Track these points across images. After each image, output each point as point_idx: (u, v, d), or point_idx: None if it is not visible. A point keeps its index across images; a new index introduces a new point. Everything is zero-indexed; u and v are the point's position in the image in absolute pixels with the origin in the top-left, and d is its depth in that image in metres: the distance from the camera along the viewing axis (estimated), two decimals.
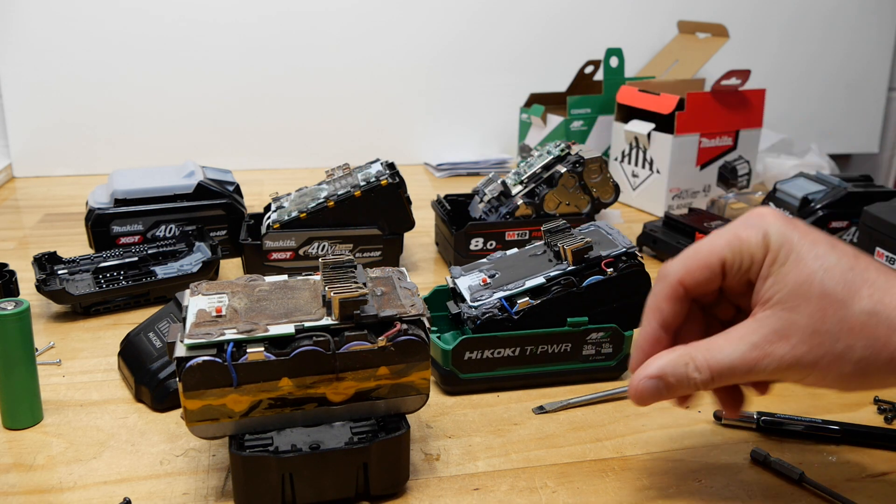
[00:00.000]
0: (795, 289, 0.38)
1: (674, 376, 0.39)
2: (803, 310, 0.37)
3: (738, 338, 0.38)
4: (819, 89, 1.52)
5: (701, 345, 0.39)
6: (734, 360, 0.38)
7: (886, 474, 0.48)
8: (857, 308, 0.37)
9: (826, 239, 0.39)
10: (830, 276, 0.37)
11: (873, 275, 0.38)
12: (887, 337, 0.36)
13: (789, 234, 0.39)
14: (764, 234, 0.39)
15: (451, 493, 0.46)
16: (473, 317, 0.56)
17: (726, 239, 0.40)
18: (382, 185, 0.76)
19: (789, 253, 0.38)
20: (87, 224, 0.80)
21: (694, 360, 0.39)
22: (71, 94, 1.19)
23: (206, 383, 0.41)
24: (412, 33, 1.29)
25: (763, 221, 0.40)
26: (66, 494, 0.45)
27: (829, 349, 0.37)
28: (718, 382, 0.39)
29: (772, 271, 0.39)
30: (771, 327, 0.38)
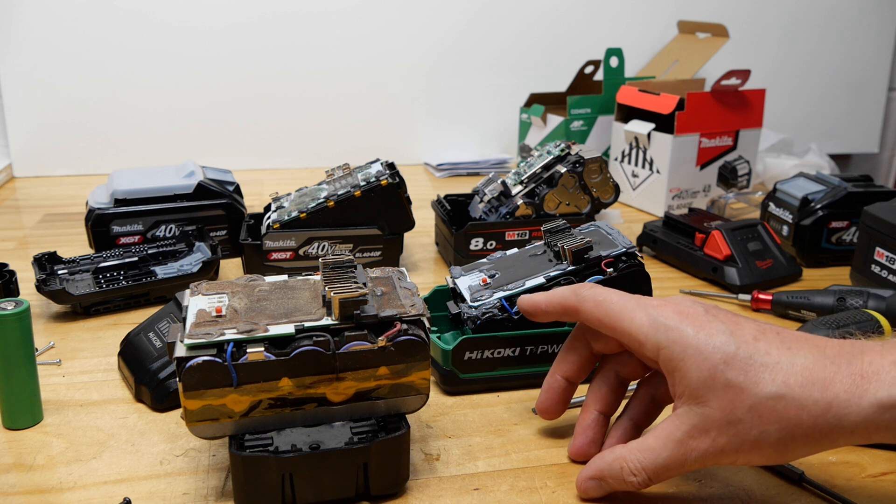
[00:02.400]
0: (700, 384, 0.39)
1: (612, 479, 0.42)
2: (713, 403, 0.39)
3: (664, 437, 0.40)
4: (819, 89, 1.52)
5: (631, 448, 0.42)
6: (665, 460, 0.40)
7: (886, 474, 0.48)
8: (763, 394, 0.37)
9: (725, 327, 0.40)
10: (731, 367, 0.38)
11: (775, 356, 0.38)
12: (798, 416, 0.37)
13: (684, 330, 0.40)
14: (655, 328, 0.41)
15: (451, 493, 0.46)
16: (473, 317, 0.56)
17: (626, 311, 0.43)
18: (382, 185, 0.76)
19: (685, 352, 0.40)
20: (87, 224, 0.80)
21: (628, 465, 0.41)
22: (71, 94, 1.19)
23: (206, 383, 0.41)
24: (412, 33, 1.29)
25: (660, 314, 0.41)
26: (66, 494, 0.45)
27: (746, 437, 0.38)
28: (654, 480, 0.41)
29: (673, 366, 0.40)
30: (690, 423, 0.40)
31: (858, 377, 0.36)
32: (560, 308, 0.47)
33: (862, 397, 0.36)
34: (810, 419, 0.37)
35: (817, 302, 0.69)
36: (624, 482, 0.42)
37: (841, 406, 0.36)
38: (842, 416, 0.36)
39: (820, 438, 0.37)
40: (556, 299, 0.47)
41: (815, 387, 0.37)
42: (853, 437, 0.37)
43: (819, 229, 0.83)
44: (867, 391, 0.36)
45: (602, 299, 0.44)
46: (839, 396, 0.36)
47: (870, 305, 0.66)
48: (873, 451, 0.51)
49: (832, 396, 0.36)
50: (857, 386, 0.36)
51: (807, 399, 0.37)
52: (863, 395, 0.36)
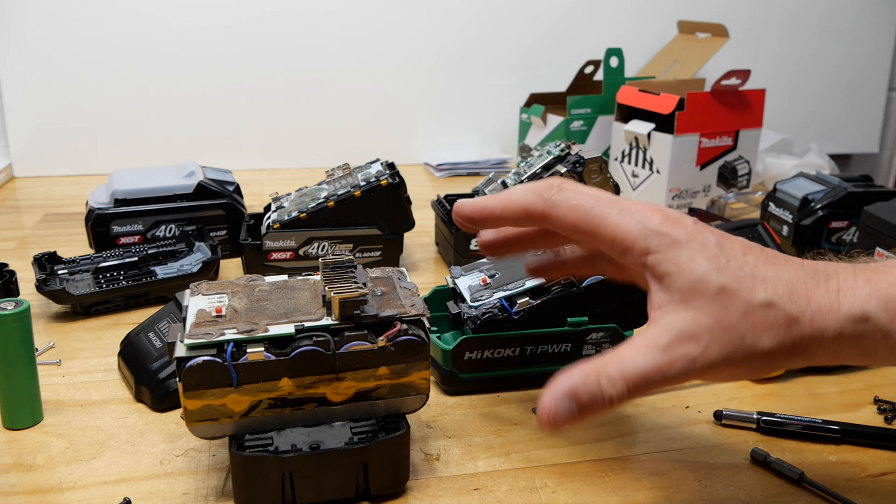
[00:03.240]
0: (692, 288, 0.37)
1: (587, 394, 0.36)
2: (706, 308, 0.37)
3: (646, 345, 0.37)
4: (819, 89, 1.52)
5: (608, 357, 0.37)
6: (647, 368, 0.36)
7: (886, 474, 0.48)
8: (756, 301, 0.37)
9: (716, 240, 0.39)
10: (724, 274, 0.38)
11: (762, 269, 0.38)
12: (787, 325, 0.37)
13: (675, 235, 0.38)
14: (644, 233, 0.39)
15: (451, 493, 0.46)
16: (473, 317, 0.56)
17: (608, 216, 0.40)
18: (382, 185, 0.76)
19: (677, 256, 0.38)
20: (87, 224, 0.80)
21: (606, 373, 0.36)
22: (71, 94, 1.19)
23: (206, 383, 0.41)
24: (412, 33, 1.29)
25: (647, 218, 0.39)
26: (66, 494, 0.45)
27: (739, 345, 0.37)
28: (634, 393, 0.37)
29: (662, 271, 0.38)
30: (677, 329, 0.37)
31: (835, 292, 0.38)
32: (521, 213, 0.42)
33: (838, 311, 0.37)
34: (798, 329, 0.37)
35: None
36: (600, 393, 0.36)
37: (822, 317, 0.37)
38: (823, 327, 0.37)
39: (803, 350, 0.38)
40: (516, 202, 0.42)
41: (799, 299, 0.38)
42: (829, 350, 0.38)
43: (819, 229, 0.83)
44: (843, 305, 0.37)
45: (576, 203, 0.40)
46: (820, 309, 0.38)
47: None
48: (873, 451, 0.51)
49: (815, 308, 0.38)
50: (834, 300, 0.38)
51: (794, 309, 0.37)
52: (839, 308, 0.37)
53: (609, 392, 0.36)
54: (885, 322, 0.37)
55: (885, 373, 0.61)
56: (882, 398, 0.57)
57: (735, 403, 0.56)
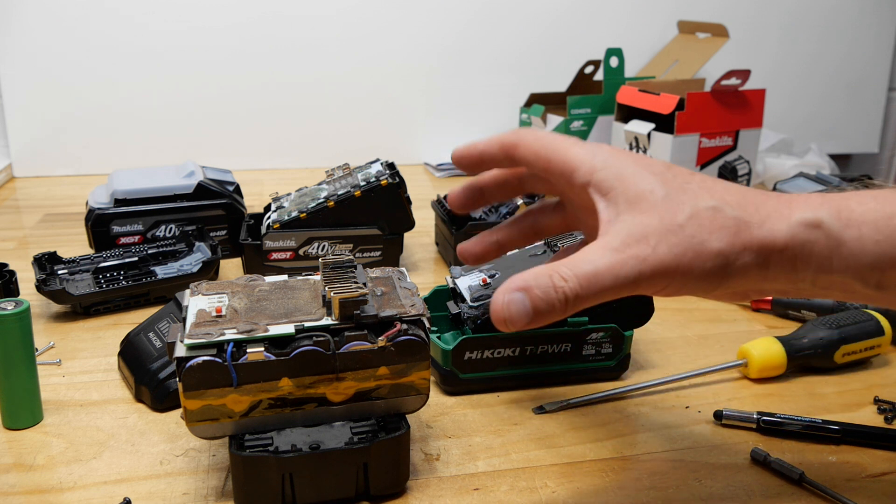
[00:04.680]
0: (638, 197, 0.38)
1: (539, 288, 0.37)
2: (652, 212, 0.38)
3: (596, 248, 0.38)
4: (819, 89, 1.52)
5: (561, 260, 0.38)
6: (598, 267, 0.37)
7: (886, 474, 0.48)
8: (702, 205, 0.38)
9: (662, 163, 0.40)
10: (670, 186, 0.38)
11: (709, 183, 0.39)
12: (736, 226, 0.37)
13: (622, 158, 0.40)
14: (592, 154, 0.41)
15: (451, 493, 0.46)
16: (473, 317, 0.56)
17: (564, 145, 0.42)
18: (382, 185, 0.76)
19: (622, 172, 0.39)
20: (87, 224, 0.80)
21: (558, 272, 0.37)
22: (71, 94, 1.19)
23: (206, 383, 0.41)
24: (412, 34, 1.29)
25: (597, 148, 0.41)
26: (66, 494, 0.45)
27: (688, 245, 0.37)
28: (587, 292, 0.37)
29: (608, 186, 0.39)
30: (627, 232, 0.38)
31: (786, 202, 0.38)
32: (498, 147, 0.45)
33: (790, 216, 0.38)
34: (747, 232, 0.37)
35: (817, 302, 0.69)
36: (553, 288, 0.36)
37: (772, 222, 0.38)
38: (774, 231, 0.37)
39: (757, 254, 0.38)
40: (495, 139, 0.45)
41: (748, 205, 0.38)
42: (783, 261, 0.38)
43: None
44: (794, 211, 0.38)
45: (541, 135, 0.43)
46: (770, 214, 0.38)
47: (870, 305, 0.66)
48: (873, 451, 0.51)
49: (765, 214, 0.38)
50: (785, 207, 0.38)
51: (743, 213, 0.38)
52: (790, 214, 0.38)
53: (562, 287, 0.37)
54: (838, 229, 0.37)
55: (885, 373, 0.61)
56: (882, 398, 0.57)
57: (735, 403, 0.56)
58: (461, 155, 0.47)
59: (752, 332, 0.68)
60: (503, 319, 0.37)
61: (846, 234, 0.37)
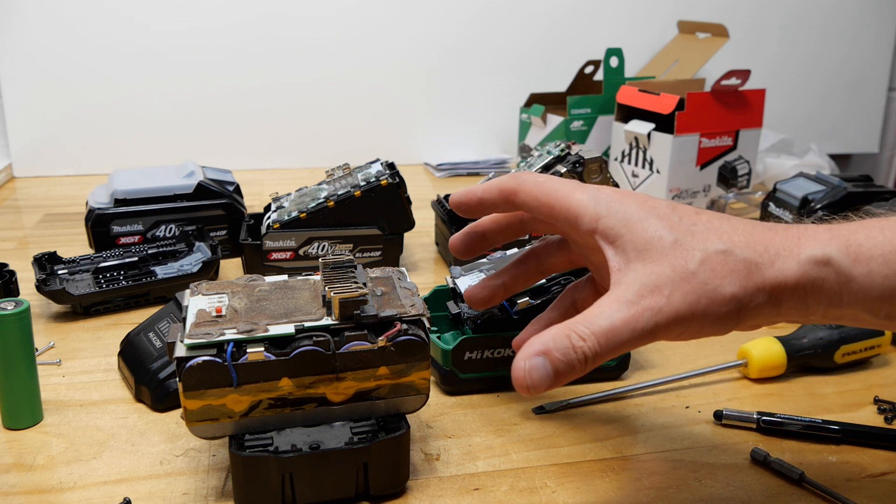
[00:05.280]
0: (646, 245, 0.38)
1: (558, 350, 0.36)
2: (663, 261, 0.38)
3: (610, 303, 0.37)
4: (819, 89, 1.52)
5: (576, 317, 0.38)
6: (614, 322, 0.36)
7: (886, 474, 0.48)
8: (712, 249, 0.38)
9: (667, 204, 0.40)
10: (677, 230, 0.38)
11: (716, 223, 0.39)
12: (747, 269, 0.37)
13: (626, 202, 0.40)
14: (595, 201, 0.41)
15: (451, 493, 0.46)
16: (473, 317, 0.56)
17: (565, 191, 0.42)
18: (382, 185, 0.76)
19: (628, 218, 0.39)
20: (87, 224, 0.80)
21: (575, 331, 0.37)
22: (71, 94, 1.19)
23: (206, 383, 0.41)
24: (412, 34, 1.29)
25: (600, 192, 0.41)
26: (66, 494, 0.45)
27: (702, 292, 0.37)
28: (605, 348, 0.37)
29: (615, 234, 0.39)
30: (640, 283, 0.37)
31: (794, 238, 0.39)
32: (498, 192, 0.45)
33: (799, 253, 0.38)
34: (759, 274, 0.38)
35: None
36: (572, 349, 0.36)
37: (782, 261, 0.38)
38: (784, 270, 0.38)
39: (768, 296, 0.38)
40: (494, 184, 0.45)
41: (757, 244, 0.38)
42: (794, 298, 0.38)
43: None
44: (803, 248, 0.38)
45: (542, 180, 0.43)
46: (780, 253, 0.38)
47: None
48: (873, 451, 0.51)
49: (774, 252, 0.38)
50: (794, 244, 0.38)
51: (752, 254, 0.38)
52: (800, 251, 0.38)
53: (581, 347, 0.36)
54: (847, 265, 0.37)
55: (885, 373, 0.61)
56: (882, 398, 0.57)
57: (735, 403, 0.56)
58: (460, 201, 0.47)
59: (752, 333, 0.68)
60: (526, 386, 0.37)
61: (855, 271, 0.37)
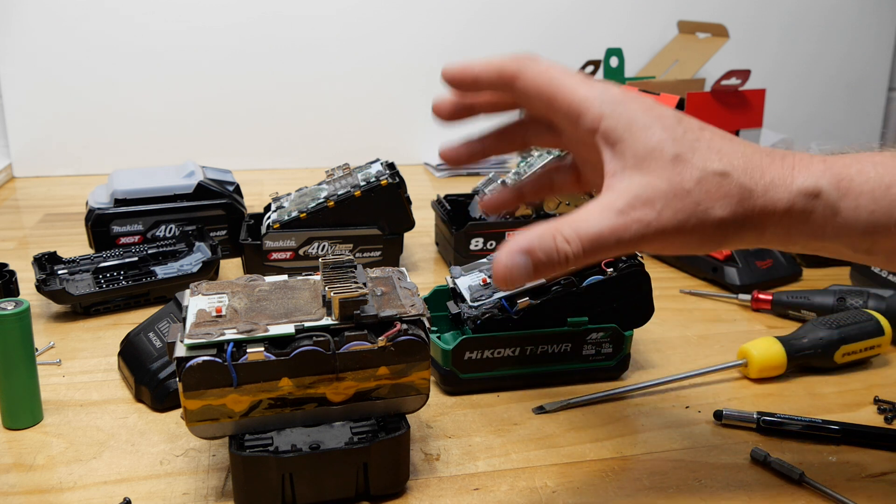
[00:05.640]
0: (647, 154, 0.38)
1: (542, 250, 0.36)
2: (660, 173, 0.37)
3: (601, 208, 0.37)
4: (819, 89, 1.52)
5: (564, 219, 0.38)
6: (602, 229, 0.36)
7: (886, 474, 0.48)
8: (710, 170, 0.38)
9: (673, 113, 0.40)
10: (679, 144, 0.38)
11: (718, 143, 0.39)
12: (740, 194, 0.38)
13: (633, 105, 0.39)
14: (601, 99, 0.39)
15: (451, 493, 0.46)
16: (473, 317, 0.56)
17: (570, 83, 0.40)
18: (382, 185, 0.76)
19: (632, 123, 0.38)
20: (87, 224, 0.80)
21: (561, 232, 0.37)
22: (71, 94, 1.19)
23: (206, 383, 0.41)
24: (412, 34, 1.29)
25: (606, 90, 0.40)
26: (66, 494, 0.45)
27: (692, 212, 0.37)
28: (589, 253, 0.37)
29: (616, 136, 0.38)
30: (633, 193, 0.37)
31: (790, 167, 0.39)
32: (496, 73, 0.42)
33: (791, 184, 0.38)
34: (750, 201, 0.38)
35: (817, 302, 0.69)
36: (555, 251, 0.36)
37: (775, 190, 0.38)
38: (776, 199, 0.38)
39: (754, 223, 0.38)
40: (494, 63, 0.42)
41: (754, 170, 0.38)
42: (778, 226, 0.38)
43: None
44: (796, 179, 0.38)
45: (545, 67, 0.41)
46: (774, 181, 0.38)
47: (870, 305, 0.66)
48: (873, 451, 0.51)
49: (768, 180, 0.38)
50: (788, 174, 0.38)
51: (748, 180, 0.38)
52: (792, 181, 0.38)
53: (564, 249, 0.36)
54: (835, 198, 0.38)
55: (885, 373, 0.61)
56: (882, 398, 0.57)
57: (735, 403, 0.56)
58: (453, 74, 0.44)
59: (752, 332, 0.68)
60: (504, 279, 0.36)
61: (842, 204, 0.38)
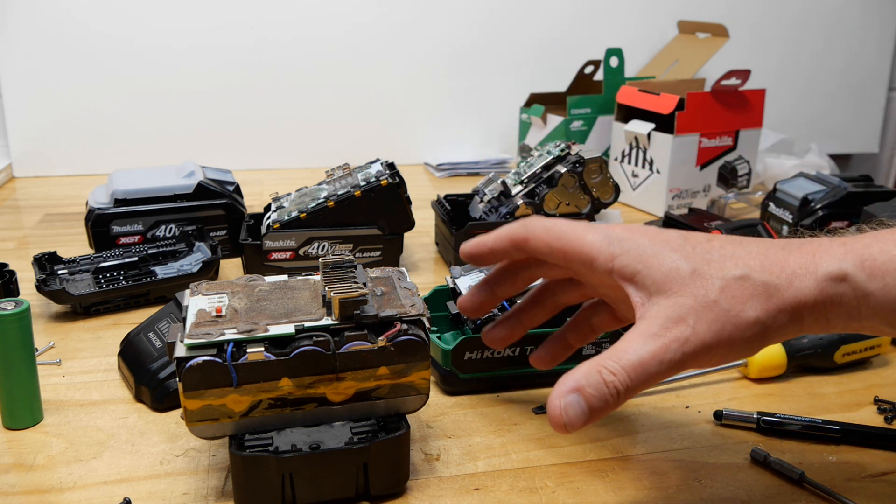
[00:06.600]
0: (665, 277, 0.39)
1: (591, 387, 0.37)
2: (683, 291, 0.38)
3: (637, 335, 0.38)
4: (819, 89, 1.52)
5: (604, 354, 0.38)
6: (643, 355, 0.37)
7: (886, 474, 0.48)
8: (730, 276, 0.38)
9: (677, 234, 0.41)
10: (692, 260, 0.39)
11: (729, 249, 0.40)
12: (766, 293, 0.38)
13: (637, 239, 0.40)
14: (608, 241, 0.41)
15: (451, 493, 0.46)
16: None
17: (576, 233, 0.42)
18: (382, 185, 0.76)
19: (643, 254, 0.40)
20: (87, 224, 0.80)
21: (604, 366, 0.37)
22: (71, 94, 1.19)
23: (206, 383, 0.41)
24: (412, 34, 1.29)
25: (610, 231, 0.42)
26: (66, 494, 0.45)
27: (726, 319, 0.37)
28: (635, 382, 0.37)
29: (632, 271, 0.40)
30: (664, 316, 0.38)
31: (810, 255, 0.39)
32: (508, 241, 0.45)
33: (816, 271, 0.38)
34: (779, 296, 0.38)
35: None
36: (604, 384, 0.37)
37: (800, 280, 0.38)
38: (803, 290, 0.38)
39: (791, 315, 0.38)
40: (504, 234, 0.45)
41: (773, 266, 0.38)
42: (815, 314, 0.38)
43: (819, 229, 0.83)
44: (819, 265, 0.38)
45: (551, 225, 0.43)
46: (796, 272, 0.38)
47: None
48: (873, 451, 0.51)
49: (790, 272, 0.38)
50: (810, 262, 0.38)
51: (770, 276, 0.38)
52: (816, 268, 0.38)
53: (612, 382, 0.37)
54: (863, 280, 0.37)
55: (885, 373, 0.61)
56: (882, 398, 0.57)
57: (735, 403, 0.56)
58: (471, 253, 0.47)
59: None
60: (563, 424, 0.37)
61: (871, 286, 0.37)
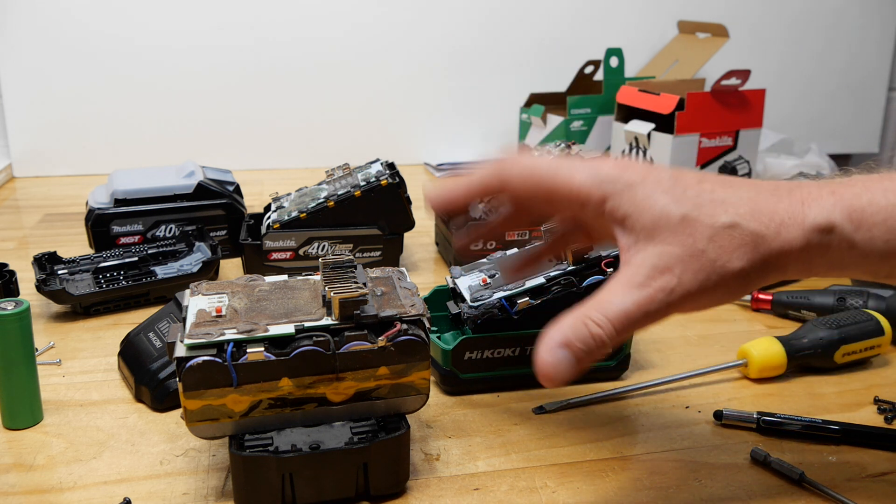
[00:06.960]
0: (654, 223, 0.38)
1: (578, 339, 0.37)
2: (671, 239, 0.38)
3: (621, 285, 0.38)
4: (820, 90, 1.52)
5: (589, 303, 0.38)
6: (627, 306, 0.37)
7: (886, 474, 0.48)
8: (719, 224, 0.38)
9: (669, 174, 0.40)
10: (682, 204, 0.38)
11: (720, 193, 0.39)
12: (755, 244, 0.38)
13: (628, 178, 0.40)
14: (597, 181, 0.40)
15: (451, 493, 0.46)
16: (473, 317, 0.56)
17: (560, 175, 0.41)
18: (382, 185, 0.76)
19: (634, 196, 0.39)
20: (87, 224, 0.80)
21: (590, 318, 0.37)
22: (71, 94, 1.19)
23: (206, 383, 0.41)
24: (412, 34, 1.29)
25: (599, 169, 0.40)
26: (66, 494, 0.45)
27: (711, 269, 0.37)
28: (621, 332, 0.38)
29: (622, 213, 0.39)
30: (650, 264, 0.38)
31: (799, 203, 0.39)
32: (482, 191, 0.43)
33: (804, 221, 0.38)
34: (765, 245, 0.38)
35: (817, 302, 0.69)
36: (591, 337, 0.37)
37: (787, 230, 0.38)
38: (789, 240, 0.38)
39: (774, 265, 0.38)
40: (476, 183, 0.43)
41: (762, 215, 0.38)
42: (798, 262, 0.39)
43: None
44: (807, 216, 0.38)
45: (531, 167, 0.42)
46: (784, 221, 0.38)
47: (870, 305, 0.66)
48: (873, 451, 0.51)
49: (779, 222, 0.38)
50: (798, 211, 0.38)
51: (758, 225, 0.38)
52: (804, 218, 0.38)
53: (598, 333, 0.37)
54: (850, 232, 0.38)
55: (885, 373, 0.61)
56: (882, 398, 0.57)
57: (735, 403, 0.56)
58: (438, 203, 0.45)
59: (752, 332, 0.68)
60: (551, 377, 0.37)
61: (858, 236, 0.38)
